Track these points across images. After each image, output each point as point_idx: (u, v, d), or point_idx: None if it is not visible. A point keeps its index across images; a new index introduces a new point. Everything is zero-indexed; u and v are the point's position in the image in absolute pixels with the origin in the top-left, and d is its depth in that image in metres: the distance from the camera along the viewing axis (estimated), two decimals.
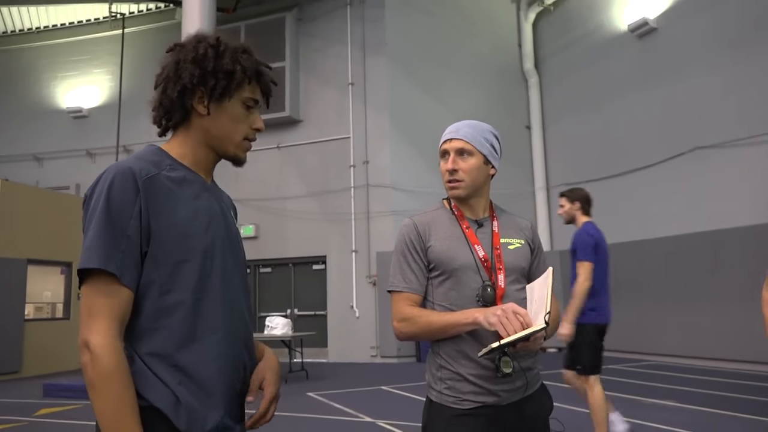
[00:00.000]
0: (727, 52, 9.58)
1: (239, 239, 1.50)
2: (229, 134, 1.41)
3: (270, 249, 12.36)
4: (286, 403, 7.07)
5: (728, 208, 9.21)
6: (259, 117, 1.45)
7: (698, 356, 9.48)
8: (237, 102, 1.40)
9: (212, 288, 1.34)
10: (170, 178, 1.33)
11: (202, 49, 1.39)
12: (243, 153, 1.45)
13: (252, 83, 1.42)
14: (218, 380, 1.33)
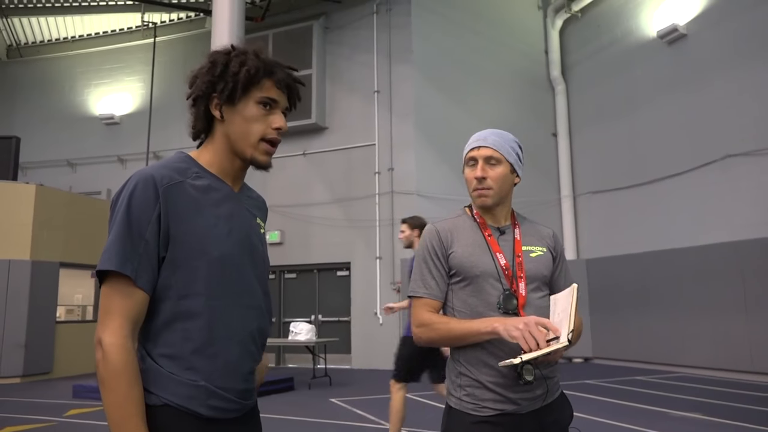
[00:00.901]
0: (758, 59, 9.40)
1: (263, 247, 1.52)
2: (244, 135, 1.41)
3: (295, 255, 12.46)
4: (309, 408, 7.11)
5: (759, 217, 9.01)
6: (280, 116, 1.44)
7: (728, 368, 9.26)
8: (250, 102, 1.41)
9: (230, 295, 1.36)
10: (195, 186, 1.36)
11: (213, 58, 1.43)
12: (262, 155, 1.43)
13: (265, 82, 1.42)
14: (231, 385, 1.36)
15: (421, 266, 1.88)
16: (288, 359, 12.42)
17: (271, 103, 1.43)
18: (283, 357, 12.46)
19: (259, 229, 1.53)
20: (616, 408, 6.81)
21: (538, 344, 1.57)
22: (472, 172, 1.88)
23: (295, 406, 7.27)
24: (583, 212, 13.03)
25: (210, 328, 1.32)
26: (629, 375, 9.74)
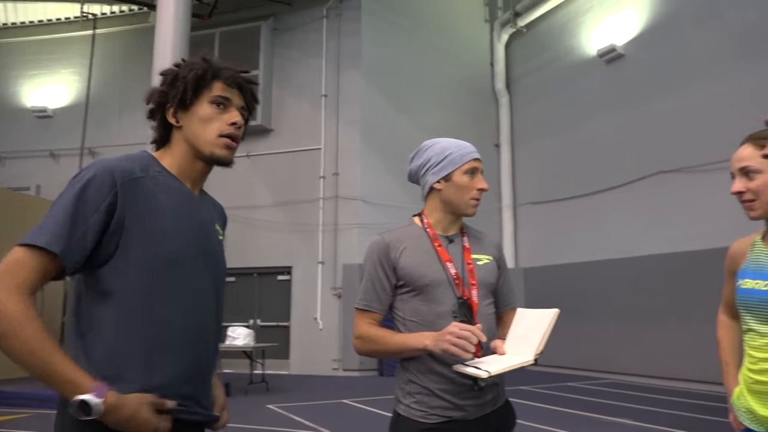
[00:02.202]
0: (690, 81, 9.90)
1: (219, 251, 1.52)
2: (201, 134, 1.43)
3: (235, 258, 12.12)
4: (245, 415, 6.96)
5: (687, 231, 9.47)
6: (235, 113, 1.47)
7: (656, 375, 9.68)
8: (203, 103, 1.44)
9: (182, 296, 1.35)
10: (155, 183, 1.37)
11: (164, 72, 1.49)
12: (221, 150, 1.45)
13: (215, 83, 1.45)
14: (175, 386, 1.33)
15: (366, 278, 1.89)
16: (224, 364, 12.14)
17: (224, 102, 1.46)
18: (219, 363, 12.17)
19: (218, 236, 1.53)
20: (550, 413, 6.99)
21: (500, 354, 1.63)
22: (475, 182, 1.89)
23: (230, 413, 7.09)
24: (523, 222, 13.37)
25: (158, 328, 1.31)
26: (563, 381, 10.02)
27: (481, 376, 1.60)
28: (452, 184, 1.87)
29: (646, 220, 10.38)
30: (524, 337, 1.70)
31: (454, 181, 1.87)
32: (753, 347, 1.75)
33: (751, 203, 1.76)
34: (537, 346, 1.62)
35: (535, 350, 1.62)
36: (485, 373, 1.59)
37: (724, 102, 9.12)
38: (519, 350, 1.68)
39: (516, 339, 1.73)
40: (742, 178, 1.77)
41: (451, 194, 1.88)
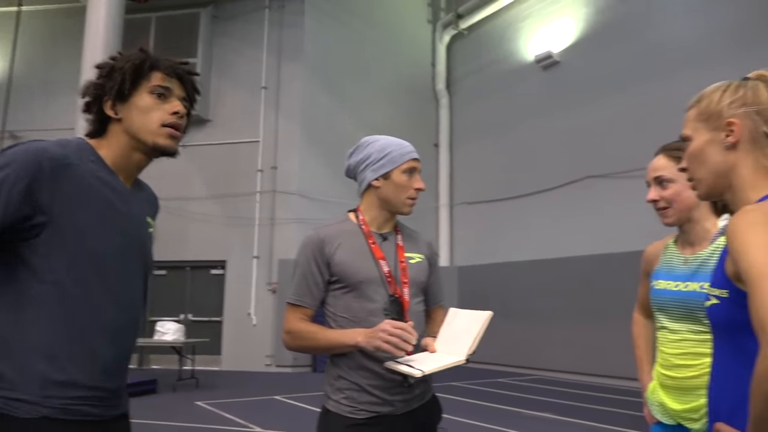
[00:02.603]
0: (620, 90, 10.34)
1: (148, 245, 1.51)
2: (142, 124, 1.41)
3: (166, 250, 11.80)
4: (172, 412, 6.79)
5: (611, 234, 9.90)
6: (176, 102, 1.46)
7: (579, 372, 10.09)
8: (143, 93, 1.42)
9: (106, 290, 1.33)
10: (88, 173, 1.33)
11: (99, 65, 1.46)
12: (165, 139, 1.44)
13: (154, 73, 1.43)
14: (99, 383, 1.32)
15: (299, 273, 1.88)
16: (152, 360, 11.78)
17: (164, 91, 1.44)
18: (146, 358, 11.79)
19: (148, 228, 1.51)
20: (478, 408, 7.17)
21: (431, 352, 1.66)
22: (413, 181, 1.90)
23: (157, 410, 6.90)
24: (459, 221, 13.62)
25: (79, 320, 1.28)
26: (492, 377, 10.29)
27: (415, 375, 1.63)
28: (390, 183, 1.88)
29: (574, 223, 10.78)
30: (456, 337, 1.74)
31: (393, 179, 1.88)
32: (665, 344, 1.87)
33: (665, 210, 1.88)
34: (469, 347, 1.67)
35: (467, 351, 1.66)
36: (419, 372, 1.62)
37: (653, 111, 9.58)
38: (450, 349, 1.72)
39: (448, 338, 1.77)
40: (656, 186, 1.89)
41: (389, 192, 1.89)
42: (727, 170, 1.21)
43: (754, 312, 0.95)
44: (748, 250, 1.00)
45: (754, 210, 1.08)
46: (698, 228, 1.86)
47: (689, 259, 1.85)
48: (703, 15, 9.38)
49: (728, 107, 1.21)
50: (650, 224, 1.99)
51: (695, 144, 1.26)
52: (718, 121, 1.22)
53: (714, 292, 1.17)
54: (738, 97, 1.21)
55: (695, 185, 1.29)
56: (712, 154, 1.23)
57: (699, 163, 1.25)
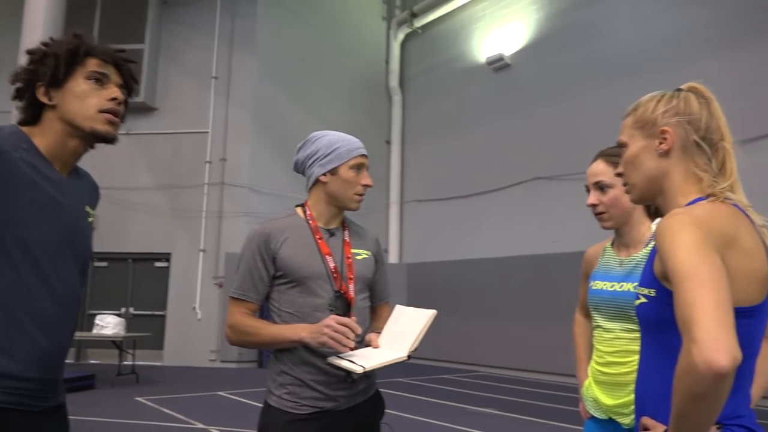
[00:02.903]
0: (568, 94, 10.63)
1: (87, 236, 1.47)
2: (79, 111, 1.37)
3: (108, 242, 11.46)
4: (111, 408, 6.59)
5: (556, 235, 10.19)
6: (114, 88, 1.42)
7: (522, 368, 10.33)
8: (79, 79, 1.38)
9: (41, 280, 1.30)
10: (22, 161, 1.29)
11: (31, 50, 1.41)
12: (103, 125, 1.40)
13: (90, 59, 1.40)
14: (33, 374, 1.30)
15: (243, 267, 1.86)
16: (90, 355, 11.39)
17: (101, 77, 1.40)
18: (84, 352, 11.39)
19: (87, 218, 1.47)
20: (422, 404, 7.25)
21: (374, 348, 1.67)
22: (360, 177, 1.90)
23: (95, 406, 6.68)
24: (409, 219, 13.71)
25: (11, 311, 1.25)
26: (438, 374, 10.42)
27: (357, 371, 1.63)
28: (338, 178, 1.89)
29: (521, 223, 11.03)
30: (400, 333, 1.75)
31: (340, 175, 1.88)
32: (600, 342, 1.95)
33: (603, 215, 1.95)
34: (411, 344, 1.69)
35: (409, 347, 1.68)
36: (360, 368, 1.63)
37: (598, 116, 9.88)
38: (394, 346, 1.74)
39: (392, 335, 1.79)
40: (596, 191, 1.96)
41: (336, 188, 1.89)
42: (659, 176, 1.28)
43: (679, 310, 1.00)
44: (675, 252, 1.05)
45: (681, 213, 1.13)
46: (634, 231, 1.94)
47: (624, 261, 1.93)
48: (646, 27, 9.74)
49: (662, 116, 1.27)
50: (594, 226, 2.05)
51: (631, 150, 1.32)
52: (652, 129, 1.28)
53: (643, 291, 1.22)
54: (671, 106, 1.27)
55: (629, 189, 1.35)
56: (647, 160, 1.29)
57: (634, 169, 1.32)
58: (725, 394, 0.94)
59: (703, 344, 0.92)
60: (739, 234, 1.13)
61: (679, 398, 0.97)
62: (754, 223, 1.18)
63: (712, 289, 0.98)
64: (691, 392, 0.94)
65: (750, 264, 1.12)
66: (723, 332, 0.93)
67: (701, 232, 1.07)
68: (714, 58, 8.60)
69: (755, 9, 8.35)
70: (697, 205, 1.18)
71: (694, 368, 0.92)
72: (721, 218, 1.14)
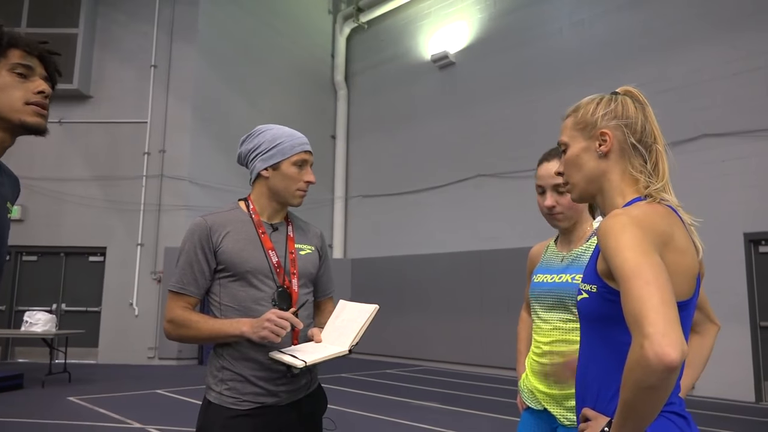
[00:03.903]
0: (509, 93, 10.87)
1: (6, 230, 1.41)
2: (4, 103, 1.31)
3: (39, 235, 10.97)
4: (41, 408, 6.31)
5: (498, 231, 10.41)
6: (40, 81, 1.36)
7: (464, 362, 10.52)
8: (3, 72, 1.33)
9: None
10: None
11: None
12: (32, 117, 1.34)
13: (12, 51, 1.34)
14: None
15: (183, 260, 1.82)
16: (18, 353, 10.86)
17: (25, 71, 1.34)
18: (12, 351, 10.85)
19: (6, 213, 1.42)
20: (365, 399, 7.27)
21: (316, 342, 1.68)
22: (303, 174, 1.89)
23: (23, 406, 6.39)
24: (353, 214, 13.70)
25: None
26: (382, 368, 10.48)
27: (297, 366, 1.63)
28: (279, 174, 1.88)
29: (464, 219, 11.21)
30: (342, 328, 1.76)
31: (282, 170, 1.87)
32: (538, 333, 2.01)
33: (559, 215, 2.00)
34: (353, 338, 1.70)
35: (350, 341, 1.69)
36: (301, 362, 1.62)
37: (539, 116, 10.15)
38: (336, 340, 1.75)
39: (334, 329, 1.80)
40: (553, 193, 2.01)
41: (278, 183, 1.88)
42: (598, 176, 1.33)
43: (628, 308, 1.04)
44: (619, 252, 1.10)
45: (621, 215, 1.17)
46: (579, 229, 2.02)
47: (565, 256, 2.01)
48: (584, 31, 10.06)
49: (602, 119, 1.33)
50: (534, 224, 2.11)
51: (572, 151, 1.37)
52: (592, 131, 1.34)
53: (585, 287, 1.27)
54: (610, 110, 1.33)
55: (570, 189, 1.40)
56: (587, 160, 1.34)
57: (575, 169, 1.36)
58: (672, 386, 0.99)
59: (654, 339, 0.96)
60: (673, 233, 1.19)
61: (628, 390, 1.01)
62: (684, 223, 1.24)
63: (656, 286, 1.02)
64: (642, 384, 0.98)
65: (683, 261, 1.18)
66: (671, 328, 0.97)
67: (642, 232, 1.12)
68: (650, 62, 8.97)
69: (688, 16, 8.76)
70: (635, 206, 1.23)
71: (646, 361, 0.96)
72: (657, 219, 1.19)
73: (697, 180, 7.94)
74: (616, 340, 1.19)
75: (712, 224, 7.38)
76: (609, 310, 1.19)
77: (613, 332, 1.20)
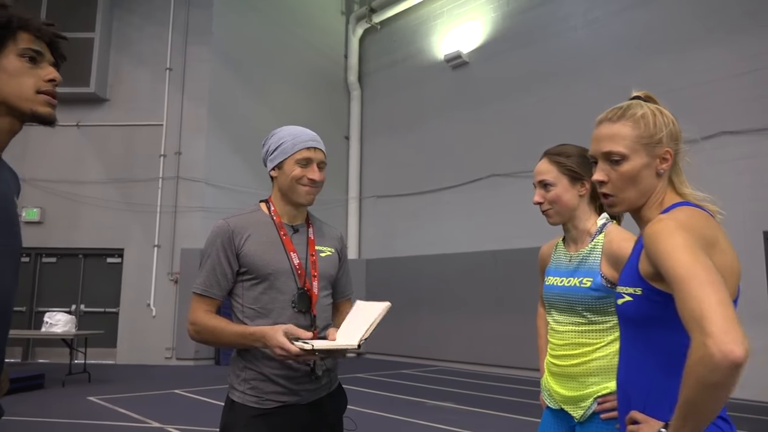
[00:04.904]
0: (523, 92, 10.82)
1: (17, 225, 1.35)
2: (14, 91, 1.26)
3: (57, 237, 11.13)
4: (62, 408, 6.40)
5: (513, 231, 10.36)
6: (51, 69, 1.32)
7: (480, 362, 10.49)
8: (11, 56, 1.27)
9: None
10: None
11: None
12: (43, 107, 1.29)
13: (22, 34, 1.29)
14: None
15: (206, 263, 1.84)
16: (38, 354, 11.02)
17: (35, 55, 1.29)
18: (32, 351, 11.02)
19: (15, 208, 1.36)
20: (382, 399, 7.28)
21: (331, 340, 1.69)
22: (306, 171, 1.88)
23: (44, 406, 6.48)
24: (368, 215, 13.72)
25: None
26: (398, 369, 10.48)
27: (305, 347, 1.63)
28: (283, 173, 1.90)
29: (479, 219, 11.18)
30: (355, 325, 1.77)
31: (285, 169, 1.89)
32: (553, 336, 2.01)
33: (548, 212, 2.03)
34: (363, 334, 1.71)
35: (360, 336, 1.70)
36: (309, 345, 1.64)
37: (552, 114, 10.09)
38: (348, 337, 1.76)
39: (348, 327, 1.81)
40: (540, 189, 2.03)
41: (283, 182, 1.90)
42: (651, 191, 1.33)
43: (686, 308, 1.05)
44: (672, 255, 1.11)
45: (668, 219, 1.19)
46: (580, 227, 2.01)
47: (573, 256, 2.01)
48: (600, 29, 9.98)
49: (666, 137, 1.31)
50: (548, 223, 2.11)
51: (633, 166, 1.31)
52: (656, 149, 1.31)
53: (627, 290, 1.28)
54: (670, 128, 1.32)
55: (616, 202, 1.35)
56: (646, 176, 1.32)
57: (631, 184, 1.32)
58: (735, 383, 1.00)
59: (717, 337, 0.97)
60: (717, 235, 1.21)
61: (690, 388, 1.02)
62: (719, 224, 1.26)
63: (712, 286, 1.04)
64: (706, 381, 0.99)
65: (728, 262, 1.20)
66: (732, 325, 0.98)
67: (691, 235, 1.14)
68: (664, 59, 8.88)
69: (705, 12, 8.66)
70: (679, 210, 1.24)
71: (710, 358, 0.97)
72: (703, 221, 1.21)
73: (714, 178, 7.83)
74: (664, 341, 1.21)
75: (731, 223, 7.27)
76: (655, 311, 1.21)
77: (659, 334, 1.22)
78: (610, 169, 1.33)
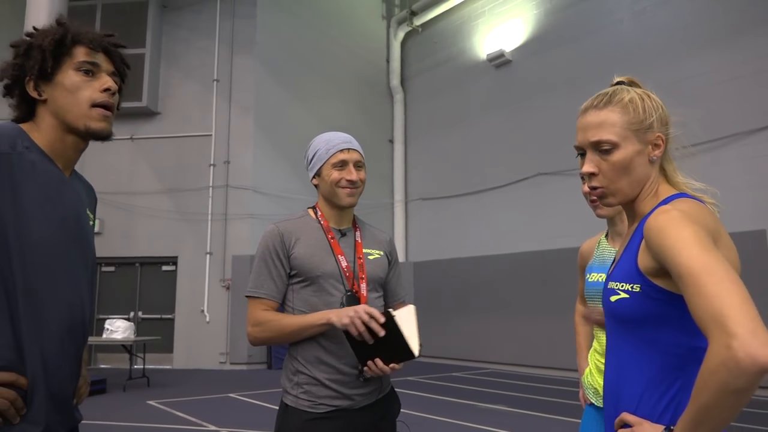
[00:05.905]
0: (569, 89, 10.61)
1: (91, 238, 1.41)
2: (70, 106, 1.30)
3: (115, 246, 11.55)
4: (123, 412, 6.63)
5: (563, 230, 10.17)
6: (106, 78, 1.35)
7: (531, 364, 10.33)
8: (68, 71, 1.32)
9: (49, 285, 1.23)
10: (23, 160, 1.23)
11: (15, 43, 1.34)
12: (97, 121, 1.33)
13: (78, 48, 1.33)
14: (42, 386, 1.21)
15: (261, 266, 1.88)
16: (100, 359, 11.46)
17: (91, 68, 1.33)
18: (94, 357, 11.46)
19: (89, 221, 1.42)
20: (433, 402, 7.26)
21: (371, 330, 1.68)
22: (343, 174, 1.90)
23: (107, 410, 6.73)
24: (414, 217, 13.71)
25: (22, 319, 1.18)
26: (448, 371, 10.42)
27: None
28: (323, 179, 1.93)
29: (526, 219, 11.02)
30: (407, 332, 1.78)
31: (323, 176, 1.93)
32: (599, 332, 1.96)
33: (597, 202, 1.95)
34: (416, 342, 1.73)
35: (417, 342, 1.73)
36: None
37: None
38: None
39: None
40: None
41: (324, 188, 1.94)
42: (644, 180, 1.23)
43: (702, 306, 0.96)
44: (683, 249, 1.02)
45: (672, 210, 1.10)
46: (625, 221, 1.95)
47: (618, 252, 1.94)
48: (646, 20, 9.70)
49: (657, 122, 1.23)
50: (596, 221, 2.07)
51: (625, 154, 1.22)
52: (647, 135, 1.22)
53: (623, 287, 1.17)
54: (659, 113, 1.23)
55: (608, 194, 1.25)
56: (638, 165, 1.22)
57: (623, 173, 1.22)
58: (757, 388, 0.92)
59: (744, 338, 0.89)
60: (719, 230, 1.12)
61: (708, 394, 0.93)
62: None
63: (732, 283, 0.95)
64: (729, 387, 0.90)
65: (732, 258, 1.12)
66: (759, 326, 0.90)
67: (699, 228, 1.05)
68: (713, 49, 8.56)
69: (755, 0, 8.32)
70: (680, 201, 1.15)
71: (735, 362, 0.89)
72: (706, 215, 1.12)
73: None
74: (661, 341, 1.12)
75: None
76: (654, 309, 1.12)
77: (656, 333, 1.13)
78: (600, 160, 1.24)
